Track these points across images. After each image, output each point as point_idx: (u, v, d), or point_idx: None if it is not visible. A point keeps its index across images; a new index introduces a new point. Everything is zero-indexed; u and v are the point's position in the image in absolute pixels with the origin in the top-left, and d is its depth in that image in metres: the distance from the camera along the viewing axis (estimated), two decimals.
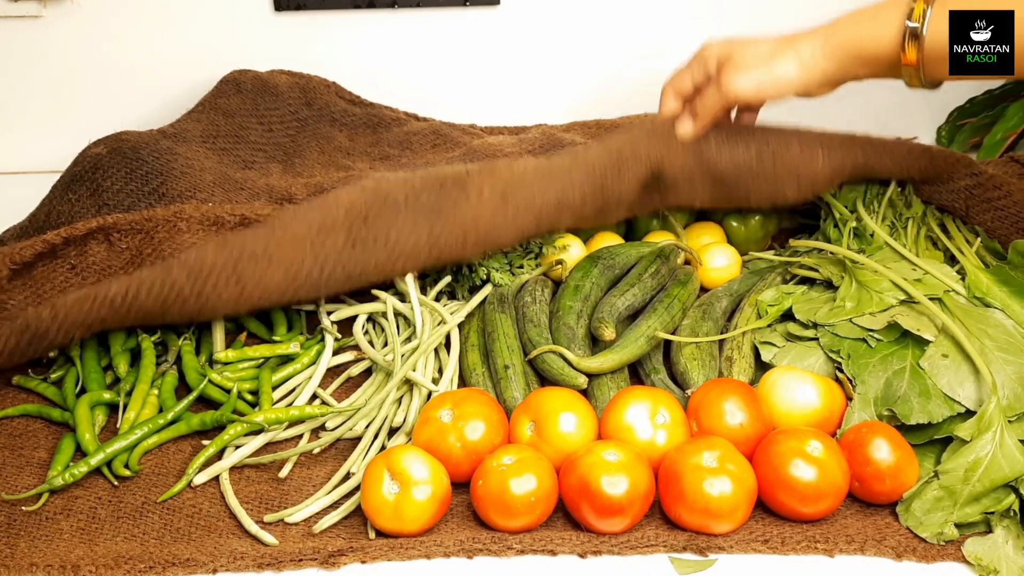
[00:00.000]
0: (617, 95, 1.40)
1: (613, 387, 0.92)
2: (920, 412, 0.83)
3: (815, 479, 0.78)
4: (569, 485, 0.79)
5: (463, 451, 0.83)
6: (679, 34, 1.42)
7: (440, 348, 1.01)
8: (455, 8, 1.39)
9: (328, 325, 1.02)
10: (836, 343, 0.91)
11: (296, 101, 1.30)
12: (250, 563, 0.77)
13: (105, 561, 0.77)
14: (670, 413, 0.85)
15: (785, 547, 0.77)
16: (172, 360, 1.00)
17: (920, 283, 0.94)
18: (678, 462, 0.80)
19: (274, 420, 0.90)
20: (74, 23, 1.39)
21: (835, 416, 0.87)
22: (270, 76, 1.31)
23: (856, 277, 0.96)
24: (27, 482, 0.87)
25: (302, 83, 1.32)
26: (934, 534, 0.77)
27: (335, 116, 1.32)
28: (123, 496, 0.85)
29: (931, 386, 0.84)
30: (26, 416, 0.96)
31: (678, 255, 1.10)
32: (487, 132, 1.36)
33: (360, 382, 1.01)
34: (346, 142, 1.30)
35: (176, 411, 0.92)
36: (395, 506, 0.78)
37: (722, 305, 1.04)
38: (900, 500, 0.80)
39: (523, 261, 1.12)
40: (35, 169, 1.50)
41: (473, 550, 0.77)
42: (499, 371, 0.94)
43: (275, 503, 0.84)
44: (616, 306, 0.99)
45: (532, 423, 0.85)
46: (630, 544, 0.77)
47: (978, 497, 0.78)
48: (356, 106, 1.34)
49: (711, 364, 0.95)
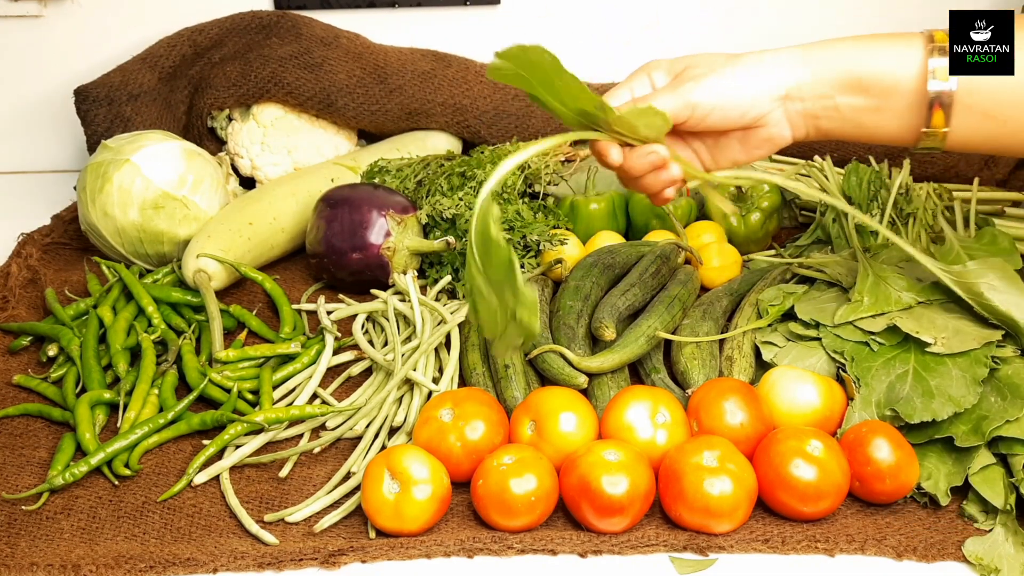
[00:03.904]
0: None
1: (613, 387, 0.92)
2: (923, 411, 0.83)
3: (815, 479, 0.78)
4: (569, 485, 0.79)
5: (463, 451, 0.83)
6: (680, 34, 1.42)
7: (440, 348, 1.01)
8: (455, 8, 1.39)
9: (328, 325, 1.03)
10: (839, 344, 0.91)
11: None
12: (250, 563, 0.77)
13: (105, 561, 0.77)
14: (670, 413, 0.85)
15: (785, 547, 0.77)
16: (172, 359, 1.00)
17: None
18: (678, 462, 0.80)
19: (274, 420, 0.90)
20: (74, 23, 1.40)
21: (835, 416, 0.87)
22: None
23: (874, 271, 0.95)
24: (27, 482, 0.87)
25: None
26: None
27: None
28: (123, 496, 0.85)
29: (934, 387, 0.84)
30: (26, 416, 0.96)
31: (678, 254, 1.10)
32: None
33: (360, 382, 1.01)
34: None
35: (176, 411, 0.92)
36: (395, 506, 0.78)
37: (722, 304, 1.04)
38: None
39: (523, 260, 1.12)
40: (35, 169, 1.50)
41: (473, 549, 0.77)
42: (499, 371, 0.94)
43: (275, 503, 0.84)
44: (616, 306, 0.99)
45: (532, 423, 0.85)
46: (630, 544, 0.77)
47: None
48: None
49: (711, 364, 0.95)
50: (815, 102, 0.80)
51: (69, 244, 1.27)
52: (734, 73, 0.79)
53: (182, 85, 1.36)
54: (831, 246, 1.11)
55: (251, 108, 1.36)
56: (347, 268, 1.12)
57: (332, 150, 1.37)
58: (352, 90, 1.34)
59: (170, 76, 1.34)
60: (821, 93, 0.80)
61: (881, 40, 0.80)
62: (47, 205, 1.34)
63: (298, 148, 1.35)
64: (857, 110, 0.80)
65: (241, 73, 1.33)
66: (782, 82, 0.79)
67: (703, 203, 1.24)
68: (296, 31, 1.36)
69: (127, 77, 1.31)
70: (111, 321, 1.04)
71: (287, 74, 1.33)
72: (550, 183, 1.23)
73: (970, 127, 0.79)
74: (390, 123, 1.38)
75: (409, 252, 1.13)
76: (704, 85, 0.78)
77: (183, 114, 1.38)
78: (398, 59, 1.36)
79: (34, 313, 1.12)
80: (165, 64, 1.33)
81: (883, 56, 0.79)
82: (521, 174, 1.19)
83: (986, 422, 0.81)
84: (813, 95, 0.80)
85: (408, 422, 0.91)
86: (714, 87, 0.78)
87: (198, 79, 1.36)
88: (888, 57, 0.78)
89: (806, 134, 0.82)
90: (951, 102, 0.77)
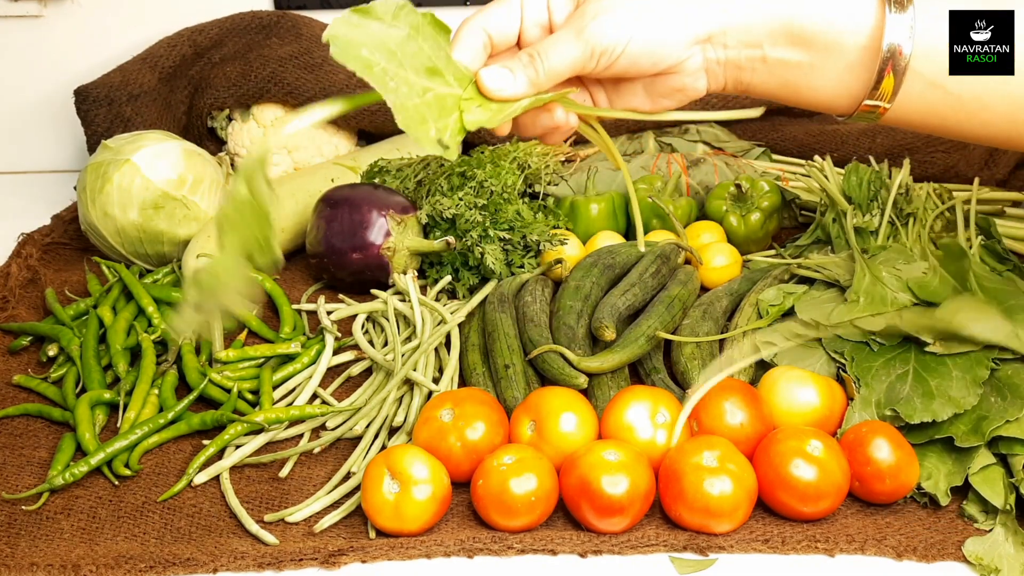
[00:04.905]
0: None
1: (613, 387, 0.92)
2: (924, 411, 0.83)
3: (815, 479, 0.78)
4: (569, 485, 0.79)
5: (463, 451, 0.83)
6: None
7: (440, 348, 1.01)
8: (455, 8, 1.39)
9: (328, 325, 1.03)
10: (839, 344, 0.91)
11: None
12: (250, 563, 0.77)
13: (105, 561, 0.77)
14: (670, 413, 0.85)
15: (785, 547, 0.77)
16: (172, 359, 1.00)
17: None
18: (678, 462, 0.80)
19: (274, 420, 0.90)
20: (74, 23, 1.40)
21: (835, 416, 0.87)
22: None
23: (871, 271, 0.95)
24: (27, 482, 0.87)
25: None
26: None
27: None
28: (123, 496, 0.85)
29: (934, 387, 0.84)
30: (26, 416, 0.96)
31: (678, 254, 1.10)
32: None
33: (360, 382, 1.01)
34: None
35: (176, 411, 0.92)
36: (395, 505, 0.78)
37: (722, 305, 1.04)
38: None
39: (523, 260, 1.12)
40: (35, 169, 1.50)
41: (473, 549, 0.77)
42: (499, 371, 0.94)
43: (275, 503, 0.84)
44: (616, 306, 0.99)
45: (532, 423, 0.85)
46: (630, 544, 0.77)
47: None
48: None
49: (711, 364, 0.95)
50: (740, 51, 0.68)
51: (69, 244, 1.27)
52: (650, 8, 0.65)
53: (182, 85, 1.36)
54: (831, 246, 1.11)
55: (251, 108, 1.36)
56: (347, 268, 1.12)
57: (332, 150, 1.38)
58: (352, 90, 1.34)
59: (170, 76, 1.34)
60: (749, 41, 0.67)
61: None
62: (47, 205, 1.34)
63: (298, 148, 1.35)
64: (788, 66, 0.68)
65: (241, 73, 1.34)
66: (706, 24, 0.66)
67: (703, 203, 1.24)
68: (296, 31, 1.36)
69: (127, 77, 1.31)
70: (111, 321, 1.04)
71: (287, 74, 1.33)
72: (550, 183, 1.23)
73: (917, 98, 0.69)
74: (390, 123, 1.37)
75: (409, 252, 1.13)
76: (611, 25, 0.64)
77: (183, 114, 1.38)
78: None
79: (34, 313, 1.12)
80: (165, 64, 1.33)
81: (830, 3, 0.67)
82: (521, 174, 1.19)
83: (986, 422, 0.81)
84: (739, 42, 0.67)
85: (408, 422, 0.91)
86: (624, 27, 0.64)
87: (198, 79, 1.36)
88: (836, 5, 0.67)
89: (723, 86, 0.71)
90: (905, 65, 0.67)
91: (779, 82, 0.69)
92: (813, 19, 0.66)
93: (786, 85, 0.70)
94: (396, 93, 0.59)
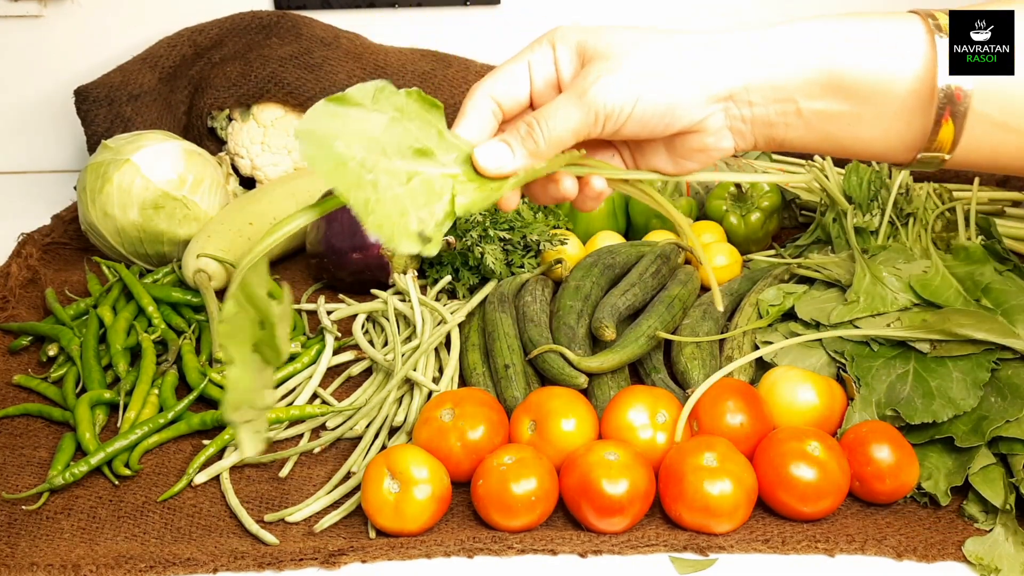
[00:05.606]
0: None
1: (613, 387, 0.92)
2: (924, 412, 0.83)
3: (815, 479, 0.78)
4: (569, 485, 0.79)
5: (463, 450, 0.83)
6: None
7: (440, 347, 1.01)
8: (455, 8, 1.39)
9: (328, 325, 1.03)
10: (840, 344, 0.91)
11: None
12: (251, 562, 0.77)
13: (106, 561, 0.77)
14: (670, 413, 0.85)
15: (785, 547, 0.77)
16: (172, 359, 1.00)
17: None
18: (678, 462, 0.80)
19: (274, 419, 0.90)
20: (74, 23, 1.40)
21: (835, 416, 0.87)
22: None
23: (871, 272, 0.95)
24: (27, 481, 0.87)
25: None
26: None
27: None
28: (123, 496, 0.85)
29: (934, 388, 0.84)
30: (27, 415, 0.96)
31: (678, 254, 1.10)
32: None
33: (360, 382, 1.01)
34: None
35: (176, 410, 0.92)
36: (395, 505, 0.78)
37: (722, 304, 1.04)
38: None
39: (523, 260, 1.12)
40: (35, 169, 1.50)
41: (473, 549, 0.77)
42: (499, 370, 0.94)
43: (275, 502, 0.84)
44: (617, 306, 0.99)
45: (532, 422, 0.85)
46: (631, 544, 0.77)
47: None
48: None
49: (711, 364, 0.95)
50: (768, 107, 0.60)
51: (69, 244, 1.27)
52: (658, 66, 0.58)
53: (182, 85, 1.36)
54: (831, 246, 1.11)
55: (251, 108, 1.36)
56: (347, 268, 1.12)
57: None
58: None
59: (170, 76, 1.34)
60: (778, 96, 0.59)
61: (864, 22, 0.59)
62: (47, 205, 1.34)
63: (298, 148, 1.35)
64: (828, 118, 0.60)
65: (241, 73, 1.34)
66: (723, 82, 0.59)
67: (703, 203, 1.24)
68: (296, 31, 1.36)
69: (127, 77, 1.31)
70: (111, 321, 1.04)
71: (287, 74, 1.33)
72: None
73: (984, 141, 0.60)
74: None
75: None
76: (615, 87, 0.58)
77: (183, 114, 1.38)
78: (398, 59, 1.36)
79: (34, 313, 1.12)
80: (165, 64, 1.33)
81: (870, 44, 0.58)
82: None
83: (986, 422, 0.81)
84: (766, 99, 0.60)
85: (408, 422, 0.91)
86: (629, 89, 0.58)
87: (198, 79, 1.36)
88: (878, 46, 0.58)
89: (752, 144, 0.63)
90: (967, 108, 0.58)
91: (819, 136, 0.61)
92: (851, 64, 0.58)
93: (828, 138, 0.62)
94: (374, 187, 0.53)
